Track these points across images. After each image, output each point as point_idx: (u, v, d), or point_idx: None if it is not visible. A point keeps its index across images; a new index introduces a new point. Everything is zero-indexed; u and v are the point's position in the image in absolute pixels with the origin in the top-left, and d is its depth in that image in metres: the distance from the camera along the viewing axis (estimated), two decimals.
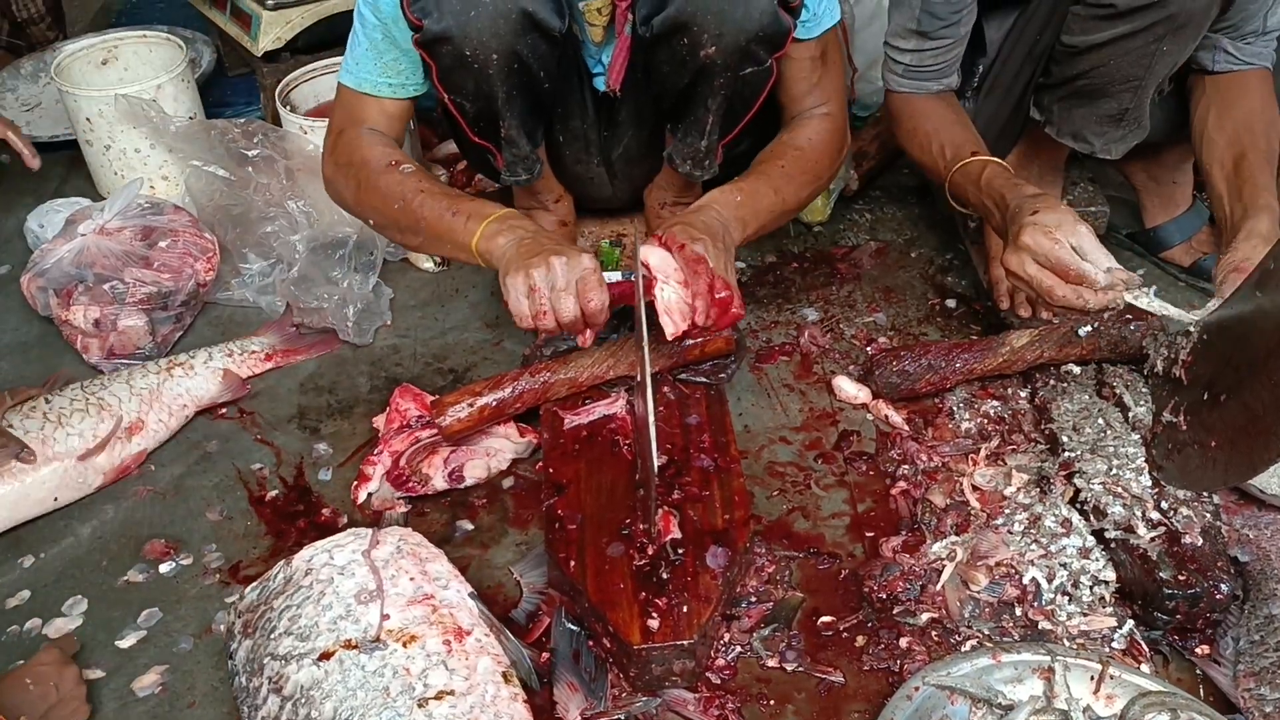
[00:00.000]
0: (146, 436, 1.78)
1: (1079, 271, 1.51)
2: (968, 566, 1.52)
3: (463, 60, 1.60)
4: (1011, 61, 1.89)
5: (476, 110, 1.70)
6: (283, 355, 1.98)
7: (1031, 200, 1.60)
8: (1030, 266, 1.55)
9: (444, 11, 1.56)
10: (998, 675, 1.34)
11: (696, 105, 1.72)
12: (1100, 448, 1.61)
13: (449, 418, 1.67)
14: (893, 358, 1.81)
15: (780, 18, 1.60)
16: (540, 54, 1.63)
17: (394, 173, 1.68)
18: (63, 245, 2.02)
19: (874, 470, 1.72)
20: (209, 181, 2.15)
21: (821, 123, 1.78)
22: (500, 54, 1.59)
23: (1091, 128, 1.85)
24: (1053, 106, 1.89)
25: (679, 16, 1.59)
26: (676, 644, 1.35)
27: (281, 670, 1.29)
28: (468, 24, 1.56)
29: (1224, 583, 1.42)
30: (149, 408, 1.79)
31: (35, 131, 2.64)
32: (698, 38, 1.60)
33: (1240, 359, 1.42)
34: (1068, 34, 1.76)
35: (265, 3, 2.50)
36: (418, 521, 1.66)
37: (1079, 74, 1.79)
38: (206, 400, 1.87)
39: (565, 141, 1.91)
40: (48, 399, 1.75)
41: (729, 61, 1.63)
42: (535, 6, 1.57)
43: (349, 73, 1.73)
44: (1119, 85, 1.76)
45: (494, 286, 2.11)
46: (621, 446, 1.66)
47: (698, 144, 1.79)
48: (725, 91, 1.69)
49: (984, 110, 1.97)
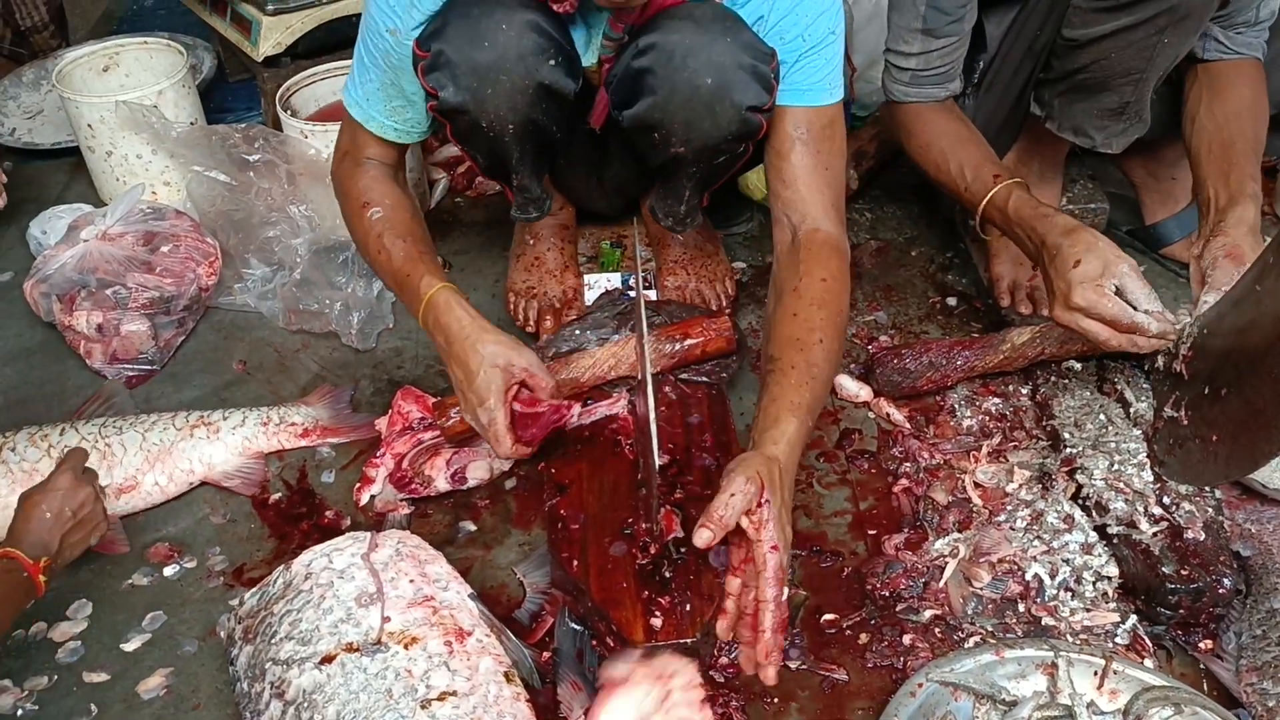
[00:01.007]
0: (137, 498, 1.69)
1: (1131, 323, 1.53)
2: (970, 563, 1.52)
3: (478, 128, 1.58)
4: (1011, 57, 1.89)
5: (489, 163, 1.70)
6: (321, 433, 1.81)
7: (1069, 242, 1.57)
8: (1084, 323, 1.56)
9: (460, 86, 1.53)
10: (1001, 671, 1.34)
11: (671, 178, 1.71)
12: (1102, 444, 1.61)
13: (452, 419, 1.68)
14: (894, 356, 1.81)
15: (749, 119, 1.54)
16: (554, 115, 1.61)
17: (363, 218, 1.66)
18: (65, 251, 2.03)
19: (876, 468, 1.72)
20: (210, 187, 2.16)
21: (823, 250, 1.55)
22: (516, 125, 1.58)
23: (1092, 122, 1.85)
24: (1053, 101, 1.88)
25: (647, 118, 1.56)
26: (680, 642, 1.35)
27: (283, 675, 1.29)
28: (485, 100, 1.54)
29: (1226, 577, 1.42)
30: (149, 467, 1.69)
31: (37, 139, 2.66)
32: (666, 138, 1.58)
33: (1241, 353, 1.42)
34: (1069, 27, 1.76)
35: (265, 8, 2.50)
36: (420, 522, 1.66)
37: (1080, 68, 1.78)
38: (217, 475, 1.73)
39: (566, 164, 1.91)
40: (64, 430, 1.70)
41: (700, 157, 1.61)
42: (552, 78, 1.54)
43: (357, 105, 1.68)
44: (1120, 78, 1.76)
45: (496, 290, 2.13)
46: (623, 446, 1.66)
47: (676, 208, 1.76)
48: (700, 173, 1.67)
49: (984, 106, 1.97)
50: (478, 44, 1.51)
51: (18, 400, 1.94)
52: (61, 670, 1.48)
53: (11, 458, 1.65)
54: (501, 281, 2.12)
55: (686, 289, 2.00)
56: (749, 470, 1.28)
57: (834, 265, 1.53)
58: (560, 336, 1.83)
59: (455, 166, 2.47)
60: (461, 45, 1.51)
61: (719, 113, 1.53)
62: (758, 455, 1.33)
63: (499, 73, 1.52)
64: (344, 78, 2.37)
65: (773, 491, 1.28)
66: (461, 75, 1.52)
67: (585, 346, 1.79)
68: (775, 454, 1.34)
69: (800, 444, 1.38)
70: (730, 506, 1.25)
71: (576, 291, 2.02)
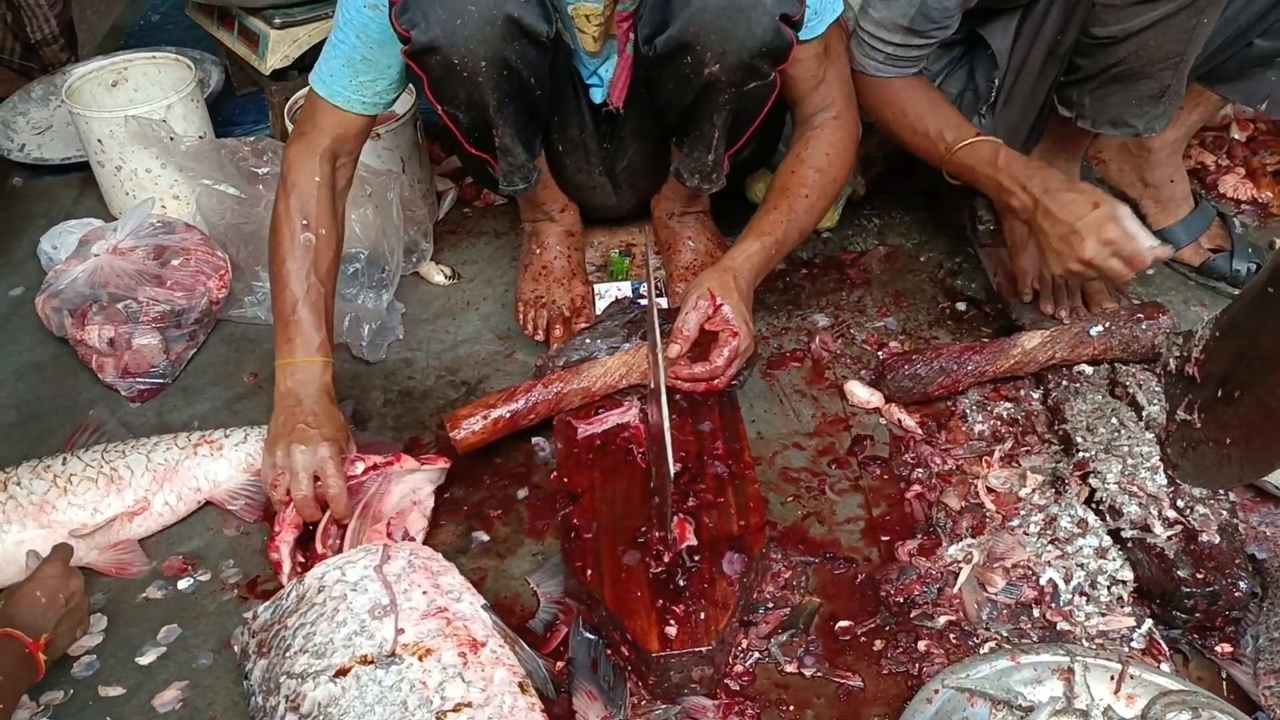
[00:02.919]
0: (150, 519, 1.69)
1: (1141, 260, 1.65)
2: (984, 569, 1.51)
3: (452, 69, 1.61)
4: (1029, 67, 1.87)
5: (470, 120, 1.71)
6: None
7: (1066, 195, 1.68)
8: (1108, 261, 1.66)
9: (431, 21, 1.56)
10: (1017, 677, 1.33)
11: (701, 121, 1.73)
12: (1114, 447, 1.61)
13: (463, 431, 1.68)
14: (904, 361, 1.81)
15: (782, 31, 1.60)
16: (529, 60, 1.64)
17: (295, 234, 1.70)
18: (76, 266, 2.03)
19: (888, 474, 1.72)
20: (220, 200, 2.17)
21: (835, 132, 1.80)
22: (488, 61, 1.60)
23: (1131, 110, 1.82)
24: (1084, 100, 1.85)
25: (681, 36, 1.59)
26: (694, 651, 1.35)
27: (298, 689, 1.30)
28: (454, 32, 1.57)
29: (1242, 580, 1.41)
30: (158, 487, 1.69)
31: (47, 154, 2.67)
32: (701, 56, 1.61)
33: (1254, 355, 1.41)
34: (1099, 25, 1.72)
35: (272, 22, 2.51)
36: (433, 533, 1.66)
37: (1115, 63, 1.75)
38: (222, 494, 1.73)
39: (565, 151, 1.91)
40: (65, 459, 1.69)
41: (733, 78, 1.64)
42: (521, 12, 1.58)
43: (322, 81, 1.73)
44: (1159, 65, 1.73)
45: (505, 299, 2.13)
46: (635, 455, 1.66)
47: (704, 159, 1.79)
48: (730, 106, 1.70)
49: (1005, 120, 1.95)
50: None
51: (30, 415, 1.94)
52: (77, 685, 1.48)
53: (19, 491, 1.63)
54: (510, 292, 2.12)
55: None
56: (699, 288, 1.60)
57: (841, 144, 1.79)
58: (570, 345, 1.84)
59: (463, 177, 2.47)
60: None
61: (754, 19, 1.58)
62: (712, 270, 1.67)
63: (468, 3, 1.56)
64: None
65: (726, 295, 1.58)
66: (431, 9, 1.56)
67: (596, 355, 1.79)
68: (730, 265, 1.65)
69: (761, 265, 1.69)
70: (688, 321, 1.55)
71: (585, 299, 2.02)
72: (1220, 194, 2.30)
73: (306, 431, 1.60)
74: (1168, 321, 1.75)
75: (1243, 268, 2.02)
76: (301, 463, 1.57)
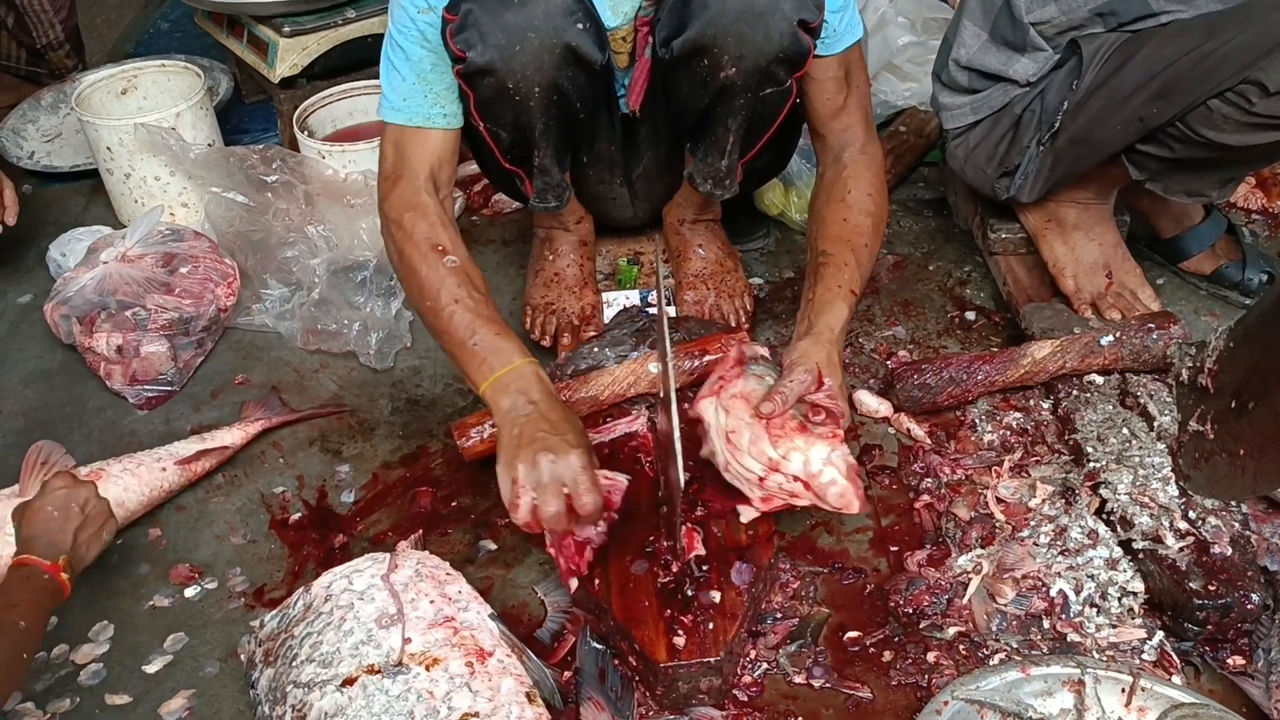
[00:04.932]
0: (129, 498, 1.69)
1: None
2: (994, 579, 1.51)
3: (504, 92, 1.59)
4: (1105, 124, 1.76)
5: (512, 139, 1.69)
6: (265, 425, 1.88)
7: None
8: None
9: (489, 44, 1.54)
10: (1027, 689, 1.32)
11: (716, 125, 1.73)
12: (1125, 458, 1.60)
13: (471, 439, 1.68)
14: (914, 371, 1.80)
15: (800, 38, 1.60)
16: (579, 86, 1.63)
17: (438, 264, 1.56)
18: (85, 273, 2.04)
19: (897, 484, 1.71)
20: (228, 208, 2.17)
21: (868, 168, 1.74)
22: (542, 87, 1.59)
23: (1209, 184, 1.78)
24: (1162, 172, 1.77)
25: (699, 39, 1.59)
26: (702, 661, 1.35)
27: (305, 698, 1.29)
28: (512, 58, 1.55)
29: (1255, 593, 1.40)
30: (138, 485, 1.71)
31: (56, 161, 2.67)
32: (718, 59, 1.60)
33: (1268, 366, 1.41)
34: (1209, 129, 1.62)
35: (282, 30, 2.52)
36: (440, 542, 1.66)
37: (1214, 158, 1.69)
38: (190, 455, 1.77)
39: (589, 163, 1.91)
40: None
41: (749, 82, 1.63)
42: (579, 41, 1.57)
43: (396, 110, 1.64)
44: (1253, 165, 1.73)
45: (513, 307, 2.13)
46: (644, 464, 1.65)
47: (718, 164, 1.79)
48: (745, 112, 1.69)
49: (1064, 156, 1.85)
50: (507, 2, 1.53)
51: (38, 422, 1.94)
52: (84, 693, 1.48)
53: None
54: (518, 300, 2.12)
55: (705, 304, 2.00)
56: (808, 363, 1.50)
57: (879, 179, 1.76)
58: (578, 354, 1.83)
59: (472, 185, 2.47)
60: (491, 4, 1.53)
61: (771, 25, 1.57)
62: (816, 344, 1.54)
63: (527, 29, 1.54)
64: (361, 98, 2.41)
65: (831, 373, 1.50)
66: (490, 33, 1.53)
67: (604, 364, 1.78)
68: (831, 339, 1.56)
69: (848, 324, 1.62)
70: (790, 393, 1.45)
71: (595, 308, 2.02)
72: (1231, 204, 2.29)
73: (549, 439, 1.42)
74: (1179, 331, 1.75)
75: (1254, 277, 2.01)
76: (550, 473, 1.39)
